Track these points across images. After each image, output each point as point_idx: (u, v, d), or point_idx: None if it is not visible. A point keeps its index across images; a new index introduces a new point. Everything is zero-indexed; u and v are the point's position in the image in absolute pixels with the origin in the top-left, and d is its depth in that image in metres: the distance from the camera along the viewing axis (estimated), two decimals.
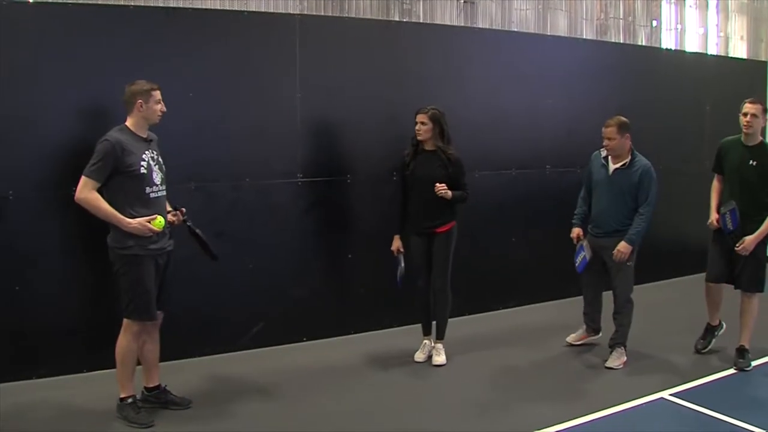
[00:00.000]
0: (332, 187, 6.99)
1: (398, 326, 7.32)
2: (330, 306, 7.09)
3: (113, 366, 5.27)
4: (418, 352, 6.49)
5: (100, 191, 4.86)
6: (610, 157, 6.37)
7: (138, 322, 5.03)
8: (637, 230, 6.22)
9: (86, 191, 4.82)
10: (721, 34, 10.53)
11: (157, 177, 5.05)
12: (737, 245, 6.04)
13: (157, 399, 5.30)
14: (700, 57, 10.18)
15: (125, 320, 5.03)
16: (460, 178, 6.24)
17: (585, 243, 6.39)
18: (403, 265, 6.40)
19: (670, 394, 5.67)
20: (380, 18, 7.29)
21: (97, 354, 5.88)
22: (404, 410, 5.42)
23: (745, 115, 6.06)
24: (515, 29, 8.25)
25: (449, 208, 6.23)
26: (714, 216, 6.29)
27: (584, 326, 6.88)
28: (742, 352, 6.25)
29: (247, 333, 6.64)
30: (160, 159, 5.12)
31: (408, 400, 5.62)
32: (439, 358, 6.39)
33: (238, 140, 6.44)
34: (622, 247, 6.21)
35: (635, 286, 7.59)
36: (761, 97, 10.50)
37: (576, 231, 6.62)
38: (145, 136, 5.05)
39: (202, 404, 5.39)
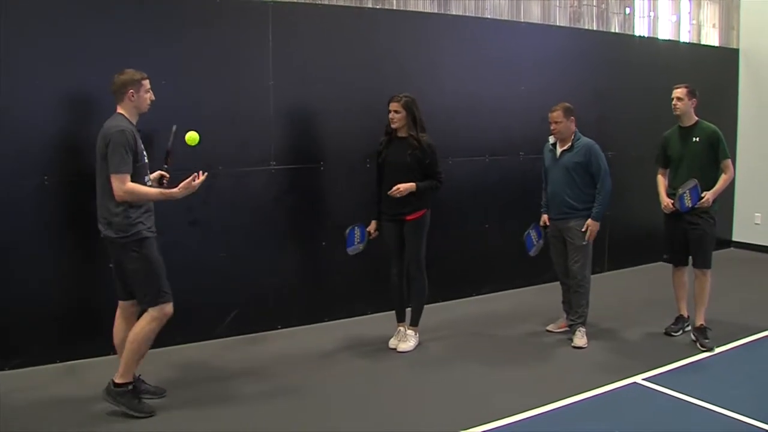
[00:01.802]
0: (305, 174, 6.97)
1: (373, 313, 7.36)
2: (304, 293, 7.09)
3: (86, 356, 5.23)
4: (392, 339, 6.50)
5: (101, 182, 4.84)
6: (557, 142, 6.62)
7: (161, 307, 4.98)
8: (600, 206, 6.48)
9: (124, 186, 4.75)
10: (694, 21, 10.56)
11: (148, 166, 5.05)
12: (701, 200, 6.25)
13: (132, 389, 5.26)
14: (673, 44, 10.23)
15: (152, 310, 4.95)
16: (432, 166, 6.24)
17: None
18: (354, 235, 6.46)
19: (644, 379, 5.71)
20: (353, 5, 7.25)
21: (70, 345, 5.88)
22: (376, 397, 5.43)
23: (672, 99, 6.42)
24: (489, 16, 8.23)
25: (419, 195, 6.22)
26: (667, 200, 6.47)
27: (564, 315, 6.93)
28: (703, 330, 6.43)
29: (221, 321, 6.61)
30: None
31: (380, 387, 5.63)
32: (405, 345, 6.41)
33: (211, 128, 6.37)
34: (591, 224, 6.47)
35: (611, 273, 7.69)
36: (733, 84, 10.70)
37: (544, 217, 6.85)
38: (136, 125, 4.99)
39: (176, 393, 5.36)
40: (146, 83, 4.99)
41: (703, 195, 6.24)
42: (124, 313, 5.20)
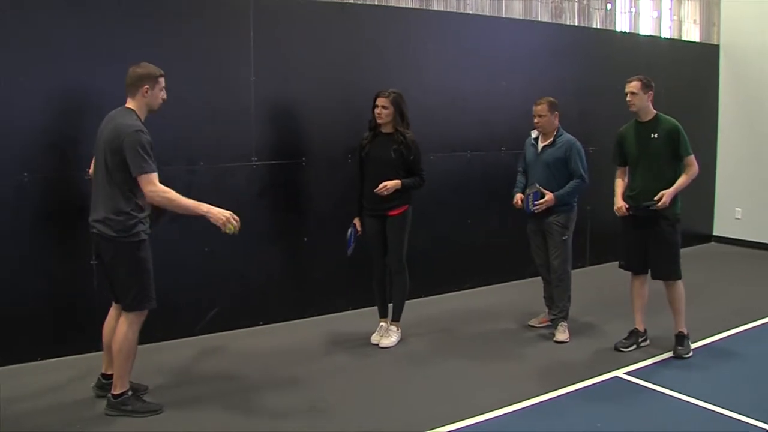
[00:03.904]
0: (287, 170, 6.95)
1: (355, 309, 7.36)
2: (286, 289, 7.07)
3: (67, 354, 5.16)
4: (374, 335, 6.50)
5: (121, 181, 4.70)
6: (539, 137, 6.63)
7: (144, 312, 4.91)
8: (566, 191, 6.48)
9: (156, 187, 4.64)
10: (675, 17, 10.61)
11: None
12: (656, 199, 5.88)
13: (132, 393, 5.18)
14: (654, 40, 10.27)
15: (131, 314, 4.86)
16: (416, 162, 6.26)
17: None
18: (349, 235, 6.45)
19: (625, 373, 5.74)
20: (335, 0, 7.23)
21: (53, 342, 5.88)
22: (359, 393, 5.43)
23: (626, 94, 6.16)
24: (470, 11, 8.23)
25: (403, 191, 6.22)
26: (620, 203, 6.18)
27: (546, 309, 6.96)
28: (680, 338, 6.20)
29: (203, 318, 6.59)
30: None
31: (363, 383, 5.63)
32: (387, 341, 6.42)
33: (193, 123, 6.37)
34: (549, 195, 6.42)
35: (593, 267, 7.61)
36: (714, 80, 10.75)
37: (518, 196, 6.72)
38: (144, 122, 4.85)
39: (157, 390, 5.33)
40: (162, 81, 4.88)
41: (660, 194, 5.88)
42: (118, 314, 5.07)
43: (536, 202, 6.42)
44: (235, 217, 4.77)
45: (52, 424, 4.77)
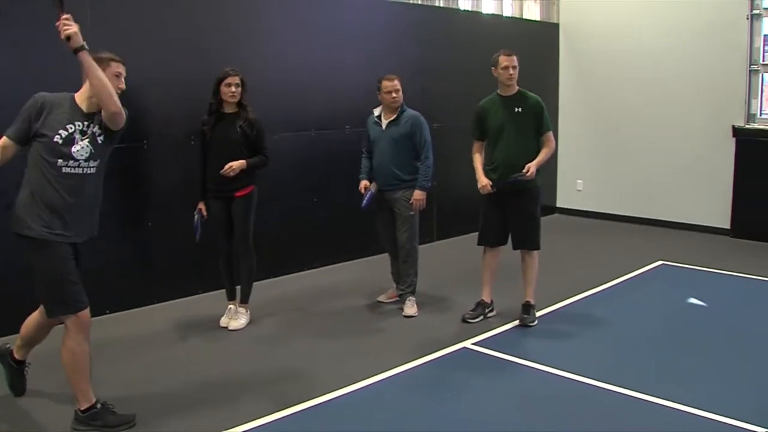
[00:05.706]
0: (128, 153, 6.73)
1: (204, 293, 7.25)
2: (132, 276, 6.86)
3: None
4: (223, 317, 6.44)
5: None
6: (382, 114, 6.67)
7: (83, 318, 4.52)
8: (425, 176, 6.58)
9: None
10: None
11: (83, 152, 4.51)
12: (523, 171, 6.05)
13: (101, 406, 4.70)
14: (497, 19, 10.51)
15: (65, 323, 4.51)
16: (261, 141, 6.22)
17: None
18: (196, 221, 6.34)
19: (473, 343, 5.88)
20: None
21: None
22: (208, 376, 5.34)
23: (506, 68, 6.16)
24: None
25: (248, 172, 6.17)
26: (485, 181, 6.26)
27: (394, 285, 7.03)
28: (527, 307, 6.40)
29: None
30: (99, 135, 4.63)
31: (212, 366, 5.54)
32: (236, 323, 6.38)
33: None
34: (417, 195, 6.57)
35: (440, 242, 7.65)
36: (554, 57, 11.07)
37: (363, 183, 6.78)
38: (85, 109, 4.54)
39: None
40: (115, 66, 4.67)
41: (527, 168, 6.05)
42: (43, 316, 4.89)
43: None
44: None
45: None
